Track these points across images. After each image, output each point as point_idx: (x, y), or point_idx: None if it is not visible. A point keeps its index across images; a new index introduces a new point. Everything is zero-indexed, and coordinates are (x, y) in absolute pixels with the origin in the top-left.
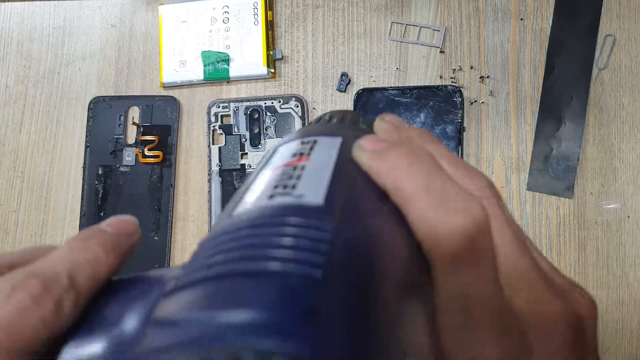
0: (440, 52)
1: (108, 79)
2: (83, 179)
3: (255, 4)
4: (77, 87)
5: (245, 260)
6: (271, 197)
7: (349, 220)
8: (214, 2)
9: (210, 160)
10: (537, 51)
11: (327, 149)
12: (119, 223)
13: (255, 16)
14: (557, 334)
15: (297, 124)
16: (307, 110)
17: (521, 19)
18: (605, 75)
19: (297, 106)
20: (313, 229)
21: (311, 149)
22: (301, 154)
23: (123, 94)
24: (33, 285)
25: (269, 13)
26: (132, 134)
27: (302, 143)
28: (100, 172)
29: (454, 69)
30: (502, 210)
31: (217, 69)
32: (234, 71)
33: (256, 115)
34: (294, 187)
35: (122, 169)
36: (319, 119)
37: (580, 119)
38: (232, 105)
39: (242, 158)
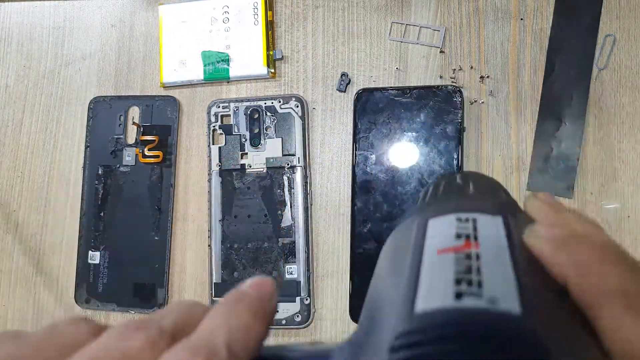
0: (440, 52)
1: (108, 79)
2: (83, 179)
3: (255, 4)
4: (77, 87)
5: None
6: (458, 296)
7: (548, 329)
8: (214, 2)
9: (210, 160)
10: (537, 51)
11: (493, 232)
12: (260, 284)
13: (255, 16)
14: None
15: (297, 124)
16: (307, 110)
17: (521, 19)
18: (605, 75)
19: (297, 106)
20: (519, 351)
21: (474, 229)
22: (467, 237)
23: (123, 94)
24: None
25: (269, 13)
26: (132, 134)
27: (459, 220)
28: (100, 172)
29: (454, 69)
30: None
31: (217, 69)
32: (234, 71)
33: (256, 115)
34: (479, 285)
35: (122, 169)
36: (450, 182)
37: (580, 119)
38: (232, 105)
39: (242, 158)
